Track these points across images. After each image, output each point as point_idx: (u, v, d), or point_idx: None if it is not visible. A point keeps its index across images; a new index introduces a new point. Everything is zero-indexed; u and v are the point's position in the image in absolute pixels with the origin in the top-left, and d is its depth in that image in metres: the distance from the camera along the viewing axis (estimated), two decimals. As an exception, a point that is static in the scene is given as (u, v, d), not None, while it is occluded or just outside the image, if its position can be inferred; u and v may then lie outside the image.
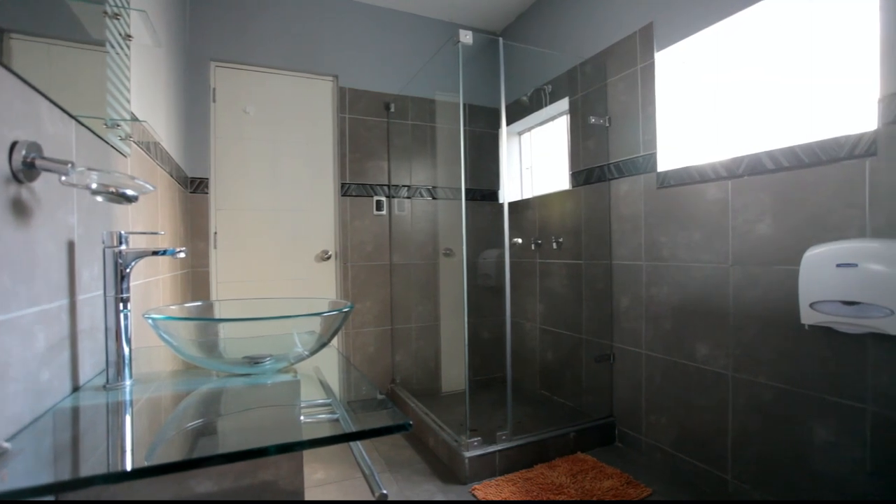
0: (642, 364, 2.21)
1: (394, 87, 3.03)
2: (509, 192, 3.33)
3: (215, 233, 2.63)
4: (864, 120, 1.46)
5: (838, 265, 1.38)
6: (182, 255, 0.88)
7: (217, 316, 1.31)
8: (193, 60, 2.56)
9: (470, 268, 3.10)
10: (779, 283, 1.63)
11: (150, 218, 1.56)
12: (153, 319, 0.82)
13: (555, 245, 2.72)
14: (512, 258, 2.76)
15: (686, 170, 1.97)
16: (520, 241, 2.80)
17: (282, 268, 2.78)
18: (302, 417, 0.80)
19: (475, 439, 2.03)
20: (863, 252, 1.34)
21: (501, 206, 2.26)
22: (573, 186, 2.65)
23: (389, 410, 0.76)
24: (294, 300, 1.24)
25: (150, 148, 1.56)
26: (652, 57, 2.13)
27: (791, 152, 1.60)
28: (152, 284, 1.56)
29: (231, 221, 2.67)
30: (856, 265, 1.34)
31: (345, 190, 2.91)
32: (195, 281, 2.54)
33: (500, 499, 1.83)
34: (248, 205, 2.71)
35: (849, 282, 1.35)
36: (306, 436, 0.66)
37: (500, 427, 2.11)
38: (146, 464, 0.55)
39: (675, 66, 2.09)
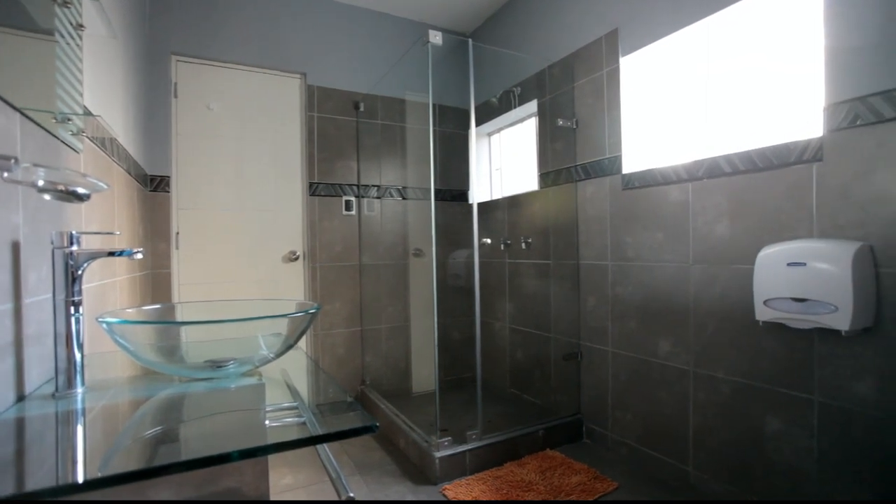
0: (608, 362, 2.27)
1: (363, 86, 3.00)
2: (479, 192, 3.35)
3: (177, 233, 2.54)
4: (811, 127, 1.54)
5: (789, 264, 1.45)
6: (139, 256, 0.84)
7: (178, 318, 1.27)
8: (153, 54, 2.46)
9: (440, 268, 3.11)
10: (736, 281, 1.70)
11: (105, 217, 1.49)
12: (107, 323, 0.78)
13: (524, 245, 2.75)
14: (482, 258, 2.78)
15: (650, 172, 2.03)
16: (489, 241, 2.82)
17: (248, 269, 2.71)
18: (267, 421, 0.78)
19: (445, 439, 2.03)
20: (810, 252, 1.42)
21: (471, 206, 2.27)
22: (542, 187, 2.69)
23: (357, 412, 0.75)
24: (260, 302, 1.21)
25: (106, 144, 1.49)
26: (617, 62, 2.18)
27: (746, 156, 1.67)
28: (108, 287, 1.49)
29: (194, 221, 2.58)
30: (804, 264, 1.42)
31: (313, 189, 2.86)
32: (156, 283, 2.45)
33: (469, 498, 1.84)
34: (213, 204, 2.63)
35: (798, 280, 1.43)
36: (271, 440, 0.65)
37: (470, 427, 2.12)
38: (100, 475, 0.53)
39: (639, 71, 2.15)
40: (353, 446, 2.36)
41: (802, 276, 1.42)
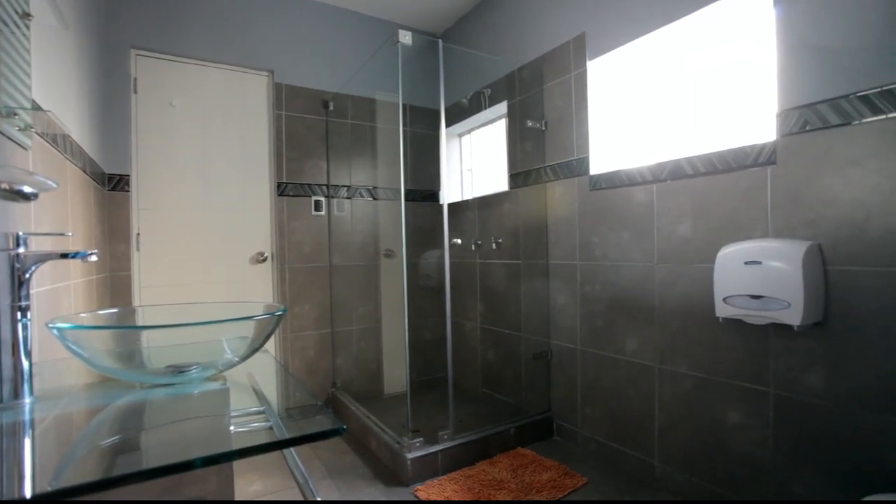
0: (577, 360, 2.31)
1: (333, 85, 2.97)
2: (450, 193, 3.36)
3: (138, 234, 2.44)
4: (766, 131, 1.61)
5: (746, 263, 1.52)
6: (94, 258, 0.81)
7: (139, 322, 1.22)
8: (111, 47, 2.36)
9: (411, 269, 3.10)
10: (698, 279, 1.77)
11: (58, 217, 1.42)
12: (59, 329, 0.74)
13: (494, 245, 2.77)
14: (452, 259, 2.78)
15: (616, 173, 2.09)
16: (459, 241, 2.83)
17: (213, 271, 2.63)
18: (232, 427, 0.76)
19: (417, 440, 2.03)
20: (765, 251, 1.48)
21: (442, 206, 2.27)
22: (511, 188, 2.71)
23: (325, 415, 0.74)
24: (225, 304, 1.18)
25: (59, 141, 1.42)
26: (584, 65, 2.23)
27: (707, 159, 1.74)
28: (62, 291, 1.42)
29: (156, 222, 2.49)
30: (760, 263, 1.48)
31: (281, 190, 2.80)
32: (115, 286, 2.35)
33: (441, 498, 1.84)
34: (176, 204, 2.54)
35: (754, 278, 1.49)
36: (236, 446, 0.63)
37: (442, 427, 2.13)
38: (50, 488, 0.50)
39: (605, 75, 2.20)
40: (323, 450, 2.33)
41: (758, 274, 1.49)
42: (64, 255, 0.79)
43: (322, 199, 2.94)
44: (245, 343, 0.92)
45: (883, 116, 1.29)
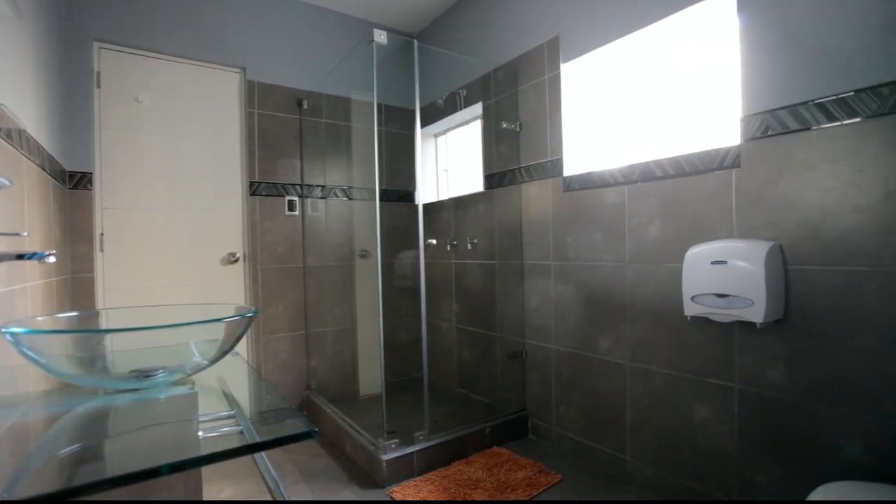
0: (552, 359, 2.34)
1: (307, 83, 2.92)
2: (425, 193, 3.36)
3: (101, 234, 2.35)
4: (731, 135, 1.67)
5: (712, 262, 1.57)
6: (52, 259, 0.78)
7: (102, 326, 1.18)
8: (72, 39, 2.27)
9: (386, 269, 3.09)
10: (667, 279, 1.81)
11: (13, 217, 1.36)
12: (12, 334, 0.71)
13: (469, 246, 2.78)
14: (428, 259, 2.78)
15: (589, 175, 2.12)
16: (434, 242, 2.83)
17: (183, 272, 2.56)
18: (201, 432, 0.75)
19: (393, 441, 2.02)
20: (730, 251, 1.53)
21: (417, 207, 2.27)
22: (487, 188, 2.73)
23: (296, 419, 0.73)
24: (194, 306, 1.15)
25: (13, 136, 1.36)
26: (558, 68, 2.26)
27: (675, 162, 1.78)
28: (17, 293, 1.36)
29: (121, 221, 2.40)
30: (726, 262, 1.53)
31: (254, 189, 2.75)
32: (77, 288, 2.26)
33: (416, 499, 1.83)
34: (142, 203, 2.46)
35: (720, 277, 1.54)
36: (204, 451, 0.61)
37: (417, 427, 2.12)
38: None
39: (579, 78, 2.24)
40: (297, 454, 2.29)
41: (724, 273, 1.54)
42: (20, 256, 0.75)
43: (296, 198, 2.89)
44: (214, 346, 0.89)
45: (837, 123, 1.35)
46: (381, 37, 2.06)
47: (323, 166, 3.00)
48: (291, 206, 2.87)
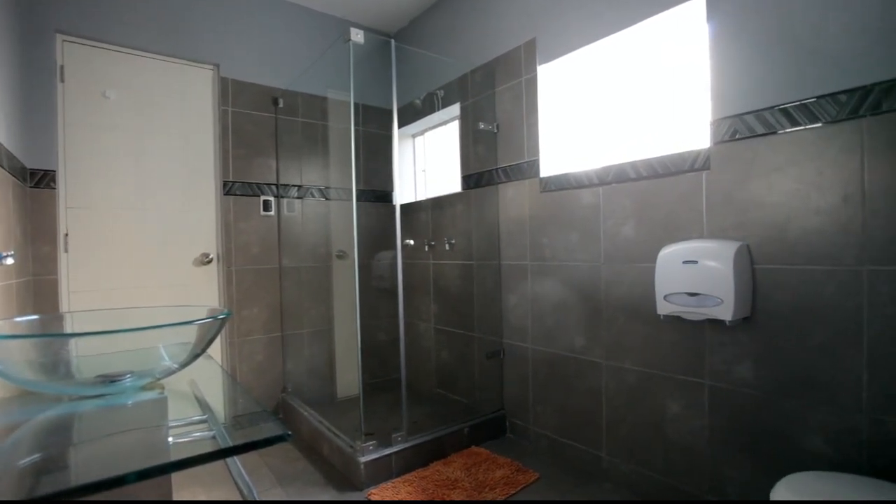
0: (529, 358, 2.36)
1: (283, 81, 2.88)
2: (403, 193, 3.35)
3: (66, 234, 2.27)
4: (701, 139, 1.71)
5: (684, 262, 1.61)
6: (10, 260, 0.74)
7: (66, 330, 1.14)
8: (32, 31, 2.17)
9: (364, 270, 3.07)
10: (641, 278, 1.85)
11: (-29, 216, 1.30)
12: (-30, 338, 0.68)
13: (447, 246, 2.79)
14: (406, 259, 2.77)
15: (565, 176, 2.15)
16: (412, 242, 2.82)
17: (153, 274, 2.48)
18: (170, 438, 0.73)
19: (370, 443, 2.00)
20: (701, 251, 1.58)
21: (395, 207, 2.26)
22: (464, 189, 2.74)
23: (271, 422, 0.72)
24: (165, 309, 1.12)
25: (-29, 132, 1.29)
26: (535, 70, 2.28)
27: (648, 164, 1.82)
28: (-25, 296, 1.30)
29: (87, 221, 2.32)
30: (696, 262, 1.57)
31: (228, 188, 2.69)
32: (39, 291, 2.17)
33: (393, 499, 1.82)
34: (110, 203, 2.38)
35: (691, 276, 1.58)
36: (175, 457, 0.60)
37: (396, 429, 2.11)
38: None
39: (555, 80, 2.26)
40: (273, 458, 2.25)
41: (695, 272, 1.58)
42: (-24, 258, 0.72)
43: (271, 198, 2.84)
44: (185, 349, 0.87)
45: (800, 128, 1.41)
46: (358, 36, 2.05)
47: (299, 166, 2.96)
48: (267, 206, 2.82)
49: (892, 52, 1.25)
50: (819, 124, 1.37)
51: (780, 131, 1.45)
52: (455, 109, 2.83)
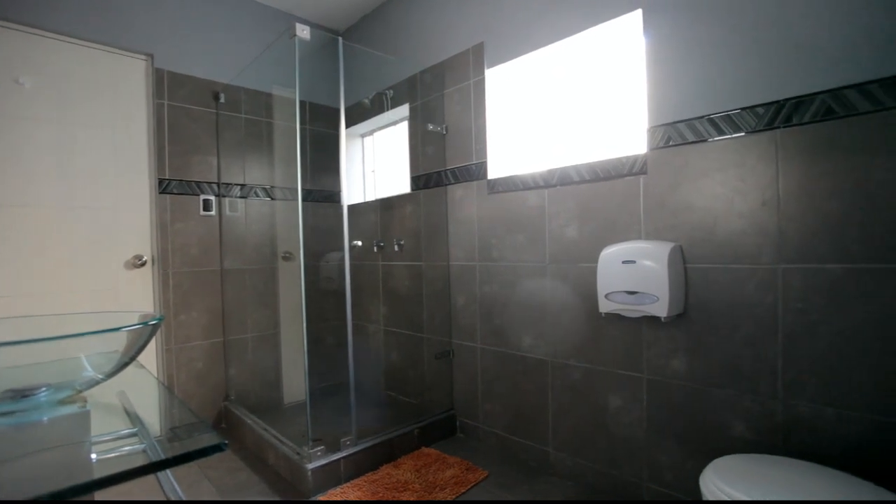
0: (478, 357, 2.39)
1: (224, 75, 2.76)
2: (351, 194, 3.30)
3: (-27, 235, 2.06)
4: (639, 144, 1.80)
5: (623, 262, 1.69)
6: None
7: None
8: (-66, 11, 1.96)
9: (311, 271, 2.99)
10: (584, 278, 1.92)
11: None
12: None
13: (396, 247, 2.77)
14: (354, 261, 2.73)
15: (512, 178, 2.20)
16: (360, 243, 2.78)
17: (79, 278, 2.30)
18: (94, 455, 0.68)
19: (318, 449, 1.96)
20: (639, 251, 1.66)
21: (342, 208, 2.22)
22: (414, 190, 2.74)
23: (207, 432, 0.69)
24: (90, 315, 1.04)
25: None
26: (483, 73, 2.32)
27: (591, 167, 1.90)
28: None
29: (2, 220, 2.11)
30: (634, 262, 1.65)
31: (164, 187, 2.54)
32: (-60, 298, 1.95)
33: (345, 500, 1.79)
34: (27, 199, 2.18)
35: (630, 275, 1.66)
36: (98, 475, 0.56)
37: (344, 433, 2.08)
38: None
39: (503, 84, 2.31)
40: (214, 470, 2.15)
41: (633, 272, 1.66)
42: None
43: (212, 197, 2.71)
44: (112, 358, 0.82)
45: (725, 137, 1.52)
46: (303, 32, 2.00)
47: (242, 164, 2.85)
48: (207, 205, 2.69)
49: (799, 70, 1.37)
50: (742, 134, 1.48)
51: (709, 139, 1.55)
52: (404, 110, 2.82)
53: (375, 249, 2.90)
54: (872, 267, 1.27)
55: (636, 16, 1.76)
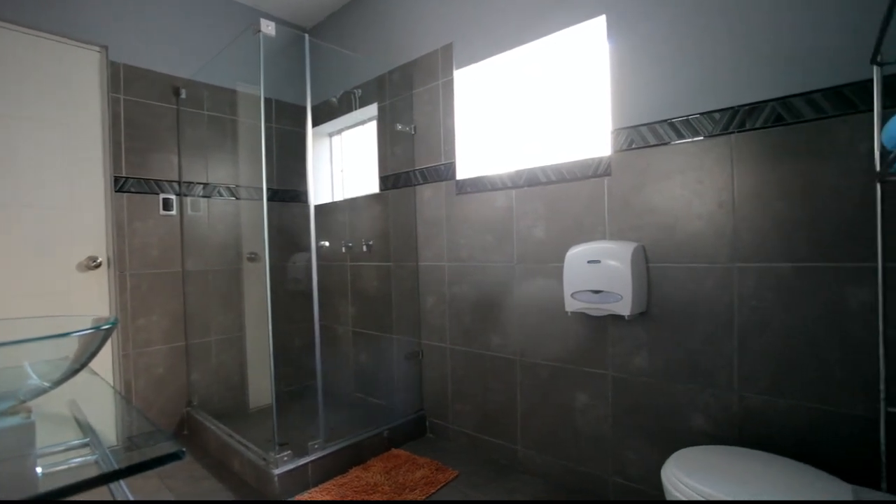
0: (447, 357, 2.40)
1: (185, 70, 2.66)
2: (319, 193, 3.25)
3: None
4: (604, 147, 1.85)
5: (588, 262, 1.72)
6: None
7: None
8: None
9: (277, 272, 2.93)
10: (551, 278, 1.95)
11: None
12: None
13: (365, 248, 2.74)
14: (322, 262, 2.69)
15: (480, 179, 2.21)
16: (327, 244, 2.75)
17: (26, 280, 2.17)
18: (39, 468, 0.64)
19: (285, 454, 1.92)
20: (603, 251, 1.70)
21: (309, 207, 2.18)
22: (382, 190, 2.72)
23: (164, 440, 0.66)
24: (37, 319, 0.99)
25: None
26: (452, 74, 2.33)
27: (557, 169, 1.93)
28: None
29: (-64, 220, 1.98)
30: (599, 261, 1.69)
31: (120, 185, 2.43)
32: None
33: (321, 499, 1.76)
34: (-33, 199, 2.05)
35: (595, 275, 1.70)
36: (44, 488, 0.53)
37: (312, 437, 2.04)
38: None
39: (471, 85, 2.32)
40: (175, 480, 2.07)
41: (598, 271, 1.70)
42: None
43: (172, 196, 2.62)
44: (61, 365, 0.77)
45: (685, 140, 1.57)
46: (268, 28, 1.95)
47: (205, 162, 2.76)
48: (167, 204, 2.60)
49: (753, 79, 1.43)
50: (700, 138, 1.54)
51: (670, 143, 1.61)
52: (373, 109, 2.80)
53: (343, 250, 2.86)
54: (818, 265, 1.34)
55: (600, 21, 1.80)
